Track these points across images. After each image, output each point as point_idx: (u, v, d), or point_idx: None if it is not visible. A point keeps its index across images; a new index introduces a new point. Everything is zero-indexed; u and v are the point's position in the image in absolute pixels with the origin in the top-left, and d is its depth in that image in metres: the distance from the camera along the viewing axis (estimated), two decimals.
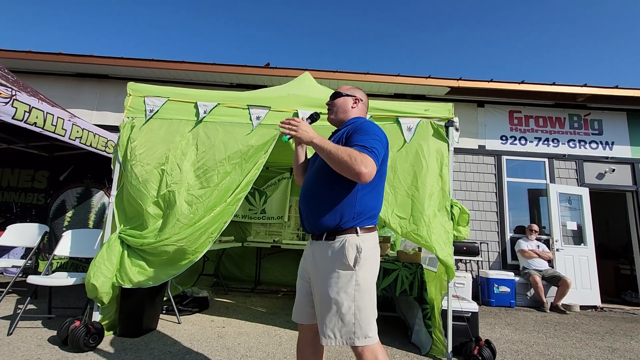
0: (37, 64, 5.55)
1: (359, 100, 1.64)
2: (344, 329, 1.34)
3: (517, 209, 5.67)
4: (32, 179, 5.19)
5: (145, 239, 2.64)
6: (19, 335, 2.55)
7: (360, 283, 1.36)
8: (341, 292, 1.34)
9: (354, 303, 1.33)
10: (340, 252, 1.37)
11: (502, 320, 4.01)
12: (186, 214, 2.68)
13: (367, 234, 1.42)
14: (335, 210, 1.40)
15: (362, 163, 1.28)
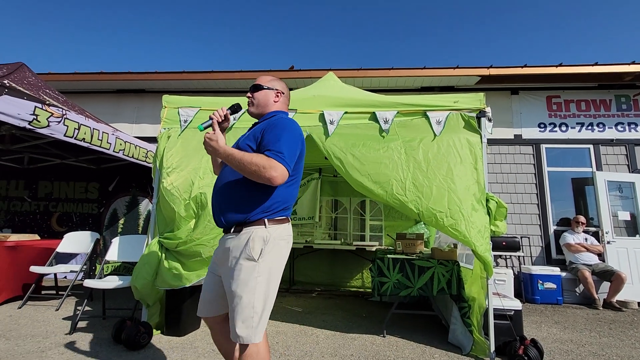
0: (82, 84, 6.01)
1: (280, 94, 1.63)
2: (243, 324, 1.32)
3: (560, 200, 5.32)
4: (85, 190, 5.64)
5: (179, 239, 2.76)
6: (78, 335, 2.78)
7: (263, 276, 1.36)
8: (241, 285, 1.33)
9: (254, 297, 1.33)
10: (245, 245, 1.37)
11: (548, 319, 3.79)
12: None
13: (276, 226, 1.43)
14: (245, 204, 1.42)
15: (272, 168, 1.33)
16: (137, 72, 5.76)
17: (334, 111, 2.90)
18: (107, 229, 5.41)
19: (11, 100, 2.87)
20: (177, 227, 2.82)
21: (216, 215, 1.50)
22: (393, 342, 2.80)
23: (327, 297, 4.53)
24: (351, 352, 2.57)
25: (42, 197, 5.66)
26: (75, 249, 3.97)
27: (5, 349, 2.44)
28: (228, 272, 1.39)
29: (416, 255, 3.20)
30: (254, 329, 1.32)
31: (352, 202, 5.52)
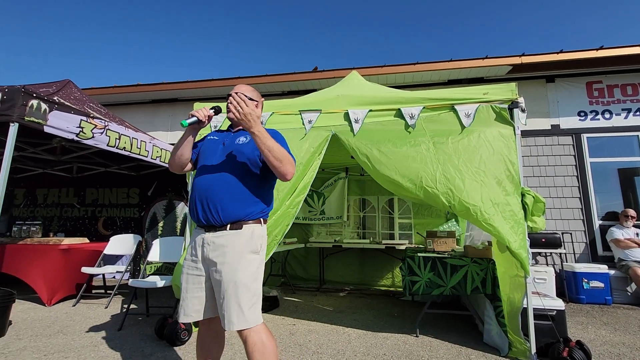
0: (121, 96, 6.42)
1: (260, 104, 1.76)
2: (250, 310, 1.43)
3: (605, 193, 4.96)
4: (127, 195, 6.03)
5: None
6: (126, 331, 2.99)
7: (262, 267, 1.56)
8: (251, 277, 1.47)
9: (257, 287, 1.50)
10: (250, 240, 1.51)
11: (596, 320, 3.56)
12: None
13: (265, 225, 1.62)
14: (251, 203, 1.54)
15: (292, 165, 1.51)
16: (170, 82, 6.07)
17: (358, 110, 2.90)
18: (148, 232, 5.74)
19: (61, 115, 3.14)
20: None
21: (211, 211, 1.49)
22: (427, 342, 2.76)
23: (357, 296, 4.52)
24: (384, 351, 2.56)
25: (89, 203, 6.12)
26: (120, 250, 4.26)
27: (64, 343, 2.67)
28: (230, 265, 1.45)
29: (448, 253, 3.13)
30: (258, 312, 1.48)
31: (380, 201, 5.47)
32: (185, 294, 1.54)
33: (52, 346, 2.60)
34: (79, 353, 2.47)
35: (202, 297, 1.53)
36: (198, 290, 1.53)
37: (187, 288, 1.54)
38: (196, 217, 1.54)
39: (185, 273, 1.57)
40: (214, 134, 1.76)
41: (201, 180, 1.56)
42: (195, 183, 1.59)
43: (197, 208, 1.53)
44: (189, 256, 1.58)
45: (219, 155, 1.60)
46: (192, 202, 1.58)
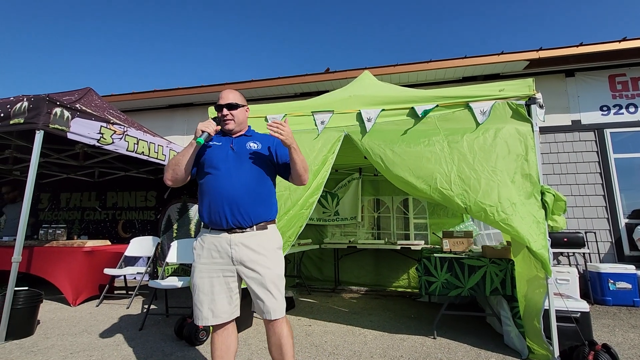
0: (138, 102, 6.61)
1: (248, 109, 1.85)
2: (282, 297, 1.62)
3: (632, 190, 4.76)
4: (145, 199, 6.20)
5: None
6: (146, 330, 3.07)
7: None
8: (279, 268, 1.65)
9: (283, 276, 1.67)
10: (276, 238, 1.69)
11: (624, 322, 3.41)
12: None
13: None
14: (271, 205, 1.71)
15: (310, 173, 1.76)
16: (185, 88, 6.21)
17: (371, 109, 2.88)
18: (164, 234, 5.88)
19: (82, 122, 3.26)
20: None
21: (236, 215, 1.58)
22: (445, 344, 2.71)
23: (373, 297, 4.50)
24: (401, 353, 2.54)
25: (110, 206, 6.33)
26: (139, 252, 4.38)
27: (88, 342, 2.76)
28: (266, 261, 1.61)
29: (465, 253, 3.07)
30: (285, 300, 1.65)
31: (394, 201, 5.42)
32: (212, 296, 1.58)
33: (77, 345, 2.70)
34: (103, 352, 2.55)
35: (230, 297, 1.61)
36: (226, 291, 1.60)
37: (212, 291, 1.58)
38: (224, 221, 1.58)
39: (207, 277, 1.59)
40: (216, 138, 1.78)
41: (222, 185, 1.60)
42: (214, 187, 1.61)
43: (226, 212, 1.58)
44: (208, 259, 1.60)
45: (232, 160, 1.65)
46: (215, 206, 1.59)
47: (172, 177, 1.67)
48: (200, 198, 1.68)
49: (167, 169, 1.67)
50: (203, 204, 1.64)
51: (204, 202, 1.63)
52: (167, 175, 1.67)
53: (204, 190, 1.65)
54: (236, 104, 1.73)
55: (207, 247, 1.62)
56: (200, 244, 1.64)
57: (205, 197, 1.63)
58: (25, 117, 2.94)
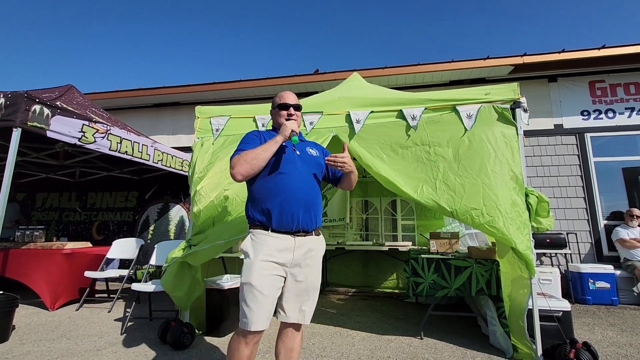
0: (123, 100, 6.45)
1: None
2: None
3: (610, 193, 4.92)
4: (125, 199, 6.04)
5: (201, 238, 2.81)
6: (128, 335, 2.98)
7: None
8: (320, 275, 1.69)
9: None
10: (324, 245, 1.75)
11: (603, 321, 3.52)
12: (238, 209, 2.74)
13: None
14: (321, 209, 1.73)
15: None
16: (172, 86, 6.09)
17: (360, 111, 2.89)
18: (140, 235, 5.73)
19: (63, 120, 3.15)
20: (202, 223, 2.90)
21: (305, 219, 1.59)
22: (431, 345, 2.73)
23: (361, 299, 4.50)
24: (388, 354, 2.54)
25: (89, 207, 6.14)
26: (122, 254, 4.26)
27: (67, 348, 2.66)
28: (316, 267, 1.65)
29: (452, 254, 3.11)
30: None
31: (382, 202, 5.45)
32: (271, 298, 1.51)
33: (55, 351, 2.60)
34: (82, 357, 2.46)
35: (273, 302, 1.54)
36: (273, 295, 1.54)
37: (271, 292, 1.51)
38: (295, 223, 1.56)
39: (269, 275, 1.50)
40: (270, 135, 1.70)
41: (297, 187, 1.58)
42: (287, 188, 1.56)
43: (300, 214, 1.57)
44: (268, 257, 1.51)
45: (299, 163, 1.65)
46: (289, 207, 1.55)
47: (248, 172, 1.52)
48: (262, 198, 1.58)
49: (241, 163, 1.51)
50: (270, 204, 1.56)
51: (273, 202, 1.55)
52: (241, 169, 1.51)
53: (273, 191, 1.56)
54: (300, 106, 1.76)
55: (267, 245, 1.53)
56: (258, 243, 1.54)
57: (274, 198, 1.55)
58: (2, 114, 2.82)
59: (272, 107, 1.79)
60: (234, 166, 1.52)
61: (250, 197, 1.65)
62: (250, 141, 1.64)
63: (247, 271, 1.51)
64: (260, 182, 1.60)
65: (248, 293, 1.47)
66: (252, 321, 1.44)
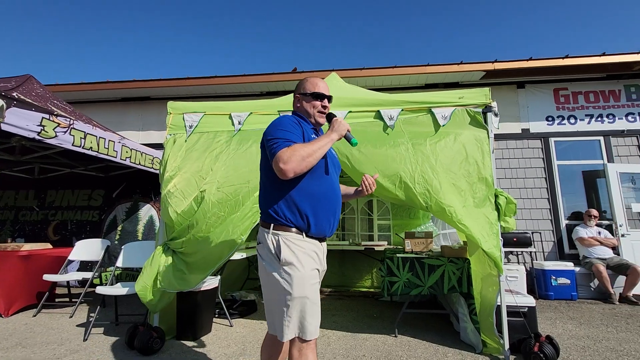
0: (88, 93, 6.10)
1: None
2: None
3: (571, 194, 5.23)
4: (89, 197, 5.70)
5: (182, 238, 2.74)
6: (92, 341, 2.81)
7: None
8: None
9: None
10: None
11: (563, 315, 3.72)
12: (215, 211, 2.69)
13: None
14: None
15: None
16: (142, 80, 5.83)
17: (337, 111, 2.88)
18: (106, 236, 5.43)
19: (20, 112, 2.92)
20: (178, 226, 2.80)
21: (332, 225, 1.52)
22: (405, 342, 2.78)
23: (337, 298, 4.51)
24: (363, 352, 2.56)
25: (47, 205, 5.74)
26: (86, 256, 4.02)
27: (23, 357, 2.47)
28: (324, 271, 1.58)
29: (425, 253, 3.17)
30: None
31: (359, 202, 5.50)
32: (319, 307, 1.44)
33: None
34: None
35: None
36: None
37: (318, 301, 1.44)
38: (328, 230, 1.49)
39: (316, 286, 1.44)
40: (308, 128, 1.56)
41: (332, 191, 1.51)
42: (325, 193, 1.47)
43: (332, 221, 1.50)
44: (312, 265, 1.43)
45: (330, 164, 1.53)
46: (326, 213, 1.46)
47: (302, 170, 1.36)
48: (300, 199, 1.42)
49: (297, 160, 1.32)
50: (310, 207, 1.42)
51: (314, 206, 1.43)
52: (295, 166, 1.33)
53: (315, 194, 1.43)
54: (332, 98, 1.64)
55: (308, 254, 1.42)
56: (299, 249, 1.40)
57: (315, 201, 1.43)
58: None
59: (300, 92, 1.60)
60: (287, 161, 1.31)
61: (279, 193, 1.43)
62: (292, 129, 1.43)
63: (299, 284, 1.36)
64: (298, 181, 1.42)
65: (308, 308, 1.37)
66: (311, 331, 1.38)
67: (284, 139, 1.38)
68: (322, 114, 1.58)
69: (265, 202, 1.48)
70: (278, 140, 1.38)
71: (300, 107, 1.62)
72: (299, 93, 1.62)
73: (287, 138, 1.39)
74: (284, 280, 1.37)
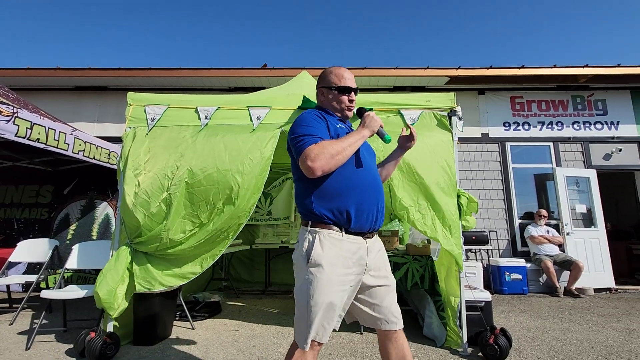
0: (36, 80, 5.59)
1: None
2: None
3: (524, 195, 5.62)
4: (36, 194, 5.22)
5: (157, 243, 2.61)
6: (36, 350, 2.57)
7: None
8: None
9: None
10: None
11: (515, 308, 3.98)
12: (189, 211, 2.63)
13: None
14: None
15: None
16: (98, 69, 5.45)
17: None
18: (56, 235, 5.02)
19: None
20: (148, 229, 2.65)
21: (374, 217, 1.39)
22: (370, 339, 2.82)
23: None
24: (329, 350, 2.56)
25: None
26: (30, 257, 3.67)
27: None
28: (385, 268, 1.45)
29: (391, 251, 3.24)
30: None
31: None
32: (341, 312, 1.32)
33: None
34: None
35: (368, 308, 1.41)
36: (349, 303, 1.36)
37: (343, 307, 1.32)
38: (371, 224, 1.37)
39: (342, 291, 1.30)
40: (334, 121, 1.48)
41: (371, 182, 1.41)
42: (363, 184, 1.38)
43: (376, 213, 1.38)
44: (344, 269, 1.30)
45: (365, 154, 1.46)
46: (368, 205, 1.36)
47: (331, 168, 1.29)
48: (334, 193, 1.34)
49: (325, 158, 1.25)
50: (346, 201, 1.33)
51: (350, 199, 1.33)
52: (324, 165, 1.26)
53: (350, 186, 1.34)
54: (358, 91, 1.56)
55: (343, 255, 1.30)
56: (333, 250, 1.30)
57: (351, 194, 1.34)
58: None
59: (324, 85, 1.53)
60: (315, 159, 1.24)
61: (316, 192, 1.35)
62: (316, 125, 1.36)
63: (324, 287, 1.26)
64: (334, 174, 1.34)
65: (327, 313, 1.26)
66: (327, 335, 1.29)
67: (310, 135, 1.31)
68: (350, 109, 1.52)
69: (302, 201, 1.39)
70: (304, 137, 1.31)
71: (325, 102, 1.55)
72: (323, 86, 1.54)
73: (313, 134, 1.32)
74: (308, 282, 1.28)
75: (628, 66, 5.32)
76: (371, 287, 1.39)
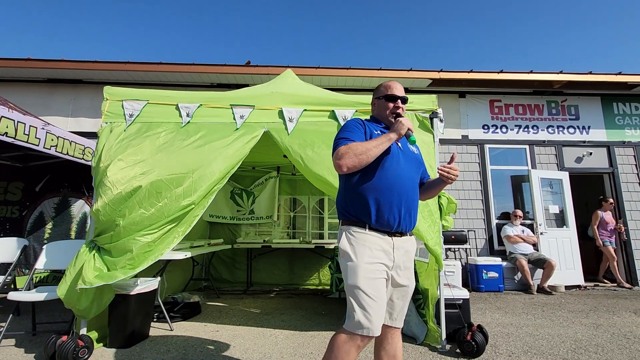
0: (4, 70, 5.29)
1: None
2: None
3: (501, 196, 5.81)
4: (4, 191, 4.94)
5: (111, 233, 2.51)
6: (2, 354, 2.44)
7: None
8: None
9: None
10: (415, 244, 1.63)
11: (492, 305, 4.11)
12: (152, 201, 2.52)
13: None
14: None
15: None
16: (73, 61, 5.21)
17: (293, 108, 2.85)
18: (30, 235, 4.78)
19: None
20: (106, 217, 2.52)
21: (407, 218, 1.51)
22: None
23: (286, 297, 4.47)
24: (310, 350, 2.56)
25: None
26: None
27: None
28: (411, 269, 1.58)
29: None
30: None
31: (310, 201, 5.51)
32: (382, 301, 1.43)
33: None
34: None
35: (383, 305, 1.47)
36: (383, 297, 1.45)
37: (382, 297, 1.43)
38: (395, 222, 1.48)
39: (378, 278, 1.43)
40: (374, 127, 1.62)
41: (398, 182, 1.50)
42: (388, 183, 1.48)
43: (401, 213, 1.48)
44: (374, 259, 1.44)
45: (402, 159, 1.56)
46: (390, 204, 1.47)
47: (355, 166, 1.43)
48: (361, 192, 1.48)
49: (350, 156, 1.42)
50: (371, 199, 1.47)
51: (375, 198, 1.47)
52: (348, 162, 1.42)
53: (376, 186, 1.47)
54: (407, 99, 1.67)
55: (369, 246, 1.44)
56: (358, 242, 1.45)
57: (376, 193, 1.47)
58: None
59: (376, 96, 1.71)
60: (341, 157, 1.43)
61: (347, 191, 1.55)
62: (354, 130, 1.54)
63: (353, 275, 1.42)
64: (361, 175, 1.50)
65: (361, 298, 1.39)
66: (375, 328, 1.38)
67: (344, 138, 1.51)
68: (394, 115, 1.63)
69: (339, 201, 1.60)
70: (339, 140, 1.52)
71: (376, 111, 1.73)
72: (375, 97, 1.73)
73: (347, 137, 1.51)
74: (344, 271, 1.46)
75: (599, 73, 5.58)
76: (397, 285, 1.54)
